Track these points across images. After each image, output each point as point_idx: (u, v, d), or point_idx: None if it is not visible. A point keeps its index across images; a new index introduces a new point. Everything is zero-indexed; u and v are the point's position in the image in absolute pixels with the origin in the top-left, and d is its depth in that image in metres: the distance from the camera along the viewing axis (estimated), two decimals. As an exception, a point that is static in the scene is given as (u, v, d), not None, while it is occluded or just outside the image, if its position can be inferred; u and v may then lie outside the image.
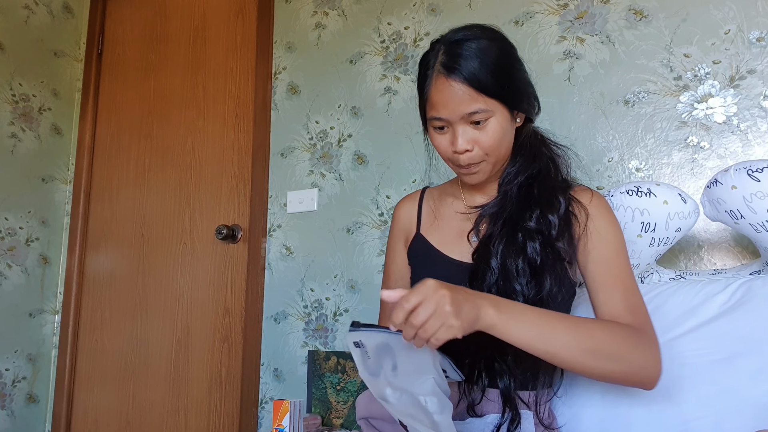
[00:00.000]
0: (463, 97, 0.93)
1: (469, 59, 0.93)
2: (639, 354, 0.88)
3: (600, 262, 0.98)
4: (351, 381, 1.72)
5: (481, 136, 0.96)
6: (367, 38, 1.96)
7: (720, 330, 1.02)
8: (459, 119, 0.95)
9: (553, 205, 1.00)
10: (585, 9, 1.61)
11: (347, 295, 1.85)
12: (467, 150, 0.96)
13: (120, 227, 2.35)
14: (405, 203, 1.19)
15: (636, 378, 0.90)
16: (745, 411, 0.94)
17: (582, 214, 1.00)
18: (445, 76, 0.94)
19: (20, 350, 2.25)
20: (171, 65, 2.37)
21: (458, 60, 0.93)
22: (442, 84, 0.94)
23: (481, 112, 0.94)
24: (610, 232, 1.00)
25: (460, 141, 0.96)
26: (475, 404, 0.97)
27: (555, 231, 0.97)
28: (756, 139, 1.36)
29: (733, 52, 1.41)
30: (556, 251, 0.97)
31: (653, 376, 0.90)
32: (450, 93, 0.93)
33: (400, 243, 1.17)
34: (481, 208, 1.06)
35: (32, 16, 2.40)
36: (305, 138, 2.02)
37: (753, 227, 1.11)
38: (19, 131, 2.31)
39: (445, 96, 0.94)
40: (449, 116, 0.95)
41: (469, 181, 1.03)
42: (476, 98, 0.93)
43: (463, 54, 0.93)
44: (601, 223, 1.01)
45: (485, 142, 0.96)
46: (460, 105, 0.93)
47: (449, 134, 0.98)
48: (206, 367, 2.05)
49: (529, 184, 1.03)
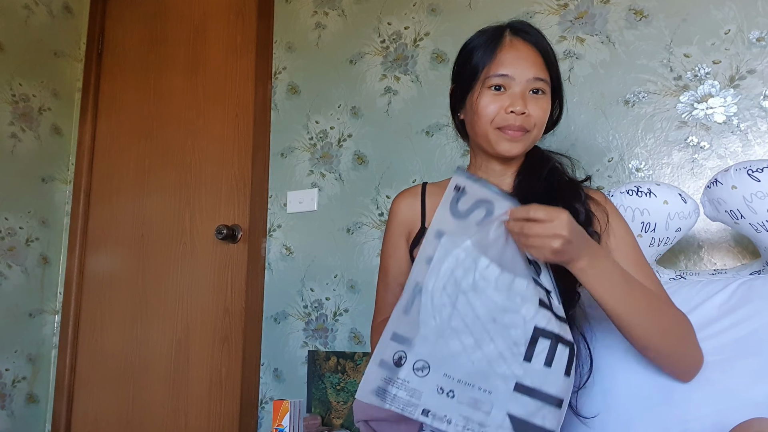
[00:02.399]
0: (535, 61, 1.00)
1: (537, 35, 1.03)
2: (695, 343, 0.94)
3: (622, 259, 0.98)
4: (351, 381, 1.72)
5: (537, 105, 1.00)
6: (367, 38, 1.96)
7: (720, 330, 1.02)
8: (525, 81, 0.99)
9: (577, 196, 1.02)
10: (585, 9, 1.61)
11: (347, 295, 1.85)
12: (524, 112, 0.99)
13: (120, 227, 2.35)
14: (405, 198, 1.18)
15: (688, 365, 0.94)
16: (745, 411, 0.94)
17: (600, 212, 1.02)
18: (522, 39, 1.01)
19: (20, 350, 2.25)
20: (171, 65, 2.37)
21: (529, 30, 1.03)
22: (518, 43, 1.01)
23: (544, 81, 1.00)
24: (627, 230, 1.03)
25: (520, 102, 0.99)
26: None
27: (583, 217, 0.99)
28: (756, 139, 1.36)
29: (733, 52, 1.41)
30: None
31: (698, 367, 0.95)
32: (524, 53, 1.00)
33: (401, 238, 1.15)
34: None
35: (32, 16, 2.40)
36: (305, 138, 2.02)
37: (753, 227, 1.11)
38: (19, 131, 2.31)
39: (518, 54, 1.00)
40: (518, 74, 0.99)
41: (508, 150, 1.02)
42: (542, 68, 1.00)
43: (530, 30, 1.03)
44: (618, 222, 1.03)
45: (537, 113, 1.00)
46: (531, 67, 0.99)
47: (505, 96, 1.00)
48: (206, 367, 2.05)
49: (549, 178, 1.05)
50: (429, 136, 1.80)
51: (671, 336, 0.91)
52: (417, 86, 1.85)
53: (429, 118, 1.80)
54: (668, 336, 0.91)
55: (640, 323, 0.88)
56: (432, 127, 1.79)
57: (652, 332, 0.90)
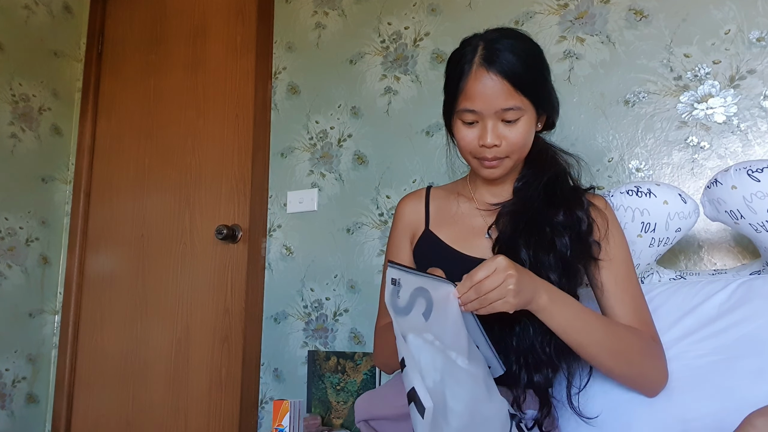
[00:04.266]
0: (501, 92, 0.96)
1: (509, 55, 0.96)
2: (653, 364, 0.97)
3: (613, 269, 1.01)
4: (351, 381, 1.72)
5: (510, 132, 0.99)
6: (367, 38, 1.96)
7: (720, 330, 1.02)
8: (492, 113, 0.98)
9: (579, 204, 1.03)
10: (585, 9, 1.61)
11: (347, 295, 1.85)
12: (495, 145, 0.99)
13: (120, 227, 2.35)
14: (409, 201, 1.19)
15: (645, 384, 0.98)
16: (745, 411, 0.93)
17: (601, 219, 1.03)
18: (486, 69, 0.96)
19: (20, 350, 2.25)
20: (171, 65, 2.37)
21: (499, 54, 0.96)
22: (482, 76, 0.96)
23: (515, 109, 0.97)
24: (623, 240, 1.04)
25: (490, 135, 0.98)
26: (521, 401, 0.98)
27: (584, 226, 1.01)
28: (756, 139, 1.36)
29: (733, 52, 1.41)
30: (587, 245, 1.00)
31: (659, 386, 0.99)
32: (489, 86, 0.96)
33: (405, 240, 1.17)
34: (500, 205, 1.08)
35: (32, 16, 2.40)
36: (305, 138, 2.02)
37: (753, 227, 1.11)
38: (19, 131, 2.31)
39: (483, 88, 0.96)
40: (484, 109, 0.97)
41: (488, 175, 1.04)
42: (512, 95, 0.96)
43: (502, 50, 0.97)
44: (615, 230, 1.04)
45: (513, 139, 0.99)
46: (497, 99, 0.96)
47: (478, 128, 1.00)
48: (206, 367, 2.05)
49: (550, 185, 1.06)
50: (429, 136, 1.80)
51: (631, 358, 0.95)
52: (417, 86, 1.85)
53: (429, 118, 1.80)
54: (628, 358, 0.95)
55: (599, 351, 0.92)
56: (432, 127, 1.79)
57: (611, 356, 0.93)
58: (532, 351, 0.96)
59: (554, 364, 0.96)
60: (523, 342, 0.95)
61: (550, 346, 0.96)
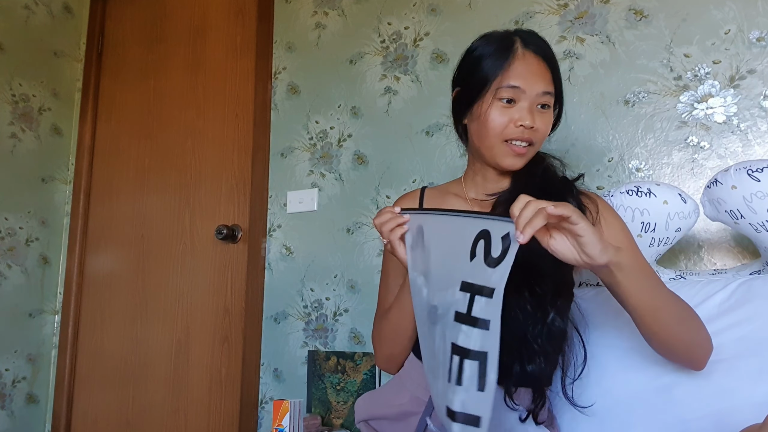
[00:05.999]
0: (543, 75, 1.00)
1: (546, 47, 1.03)
2: (706, 334, 0.93)
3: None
4: (351, 381, 1.72)
5: (543, 121, 1.01)
6: (367, 38, 1.96)
7: (720, 330, 1.02)
8: (534, 95, 0.99)
9: (569, 192, 1.03)
10: (585, 9, 1.61)
11: (347, 295, 1.85)
12: (532, 127, 0.99)
13: (120, 227, 2.35)
14: (404, 201, 1.20)
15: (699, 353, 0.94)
16: (745, 411, 0.94)
17: (592, 205, 1.03)
18: (533, 52, 1.00)
19: (20, 350, 2.25)
20: (171, 65, 2.37)
21: (539, 44, 1.02)
22: (529, 57, 1.00)
23: (551, 95, 1.01)
24: (623, 226, 1.03)
25: (530, 116, 0.99)
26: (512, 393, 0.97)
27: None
28: (756, 139, 1.36)
29: (733, 52, 1.41)
30: None
31: (709, 355, 0.95)
32: (535, 66, 1.00)
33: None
34: (497, 195, 1.08)
35: (32, 16, 2.40)
36: (305, 138, 2.02)
37: (753, 227, 1.11)
38: (19, 131, 2.31)
39: (530, 67, 0.99)
40: (529, 88, 0.99)
41: (512, 164, 1.03)
42: (550, 82, 1.01)
43: (540, 42, 1.03)
44: (611, 217, 1.03)
45: (543, 128, 1.02)
46: (541, 81, 0.99)
47: (514, 110, 1.00)
48: (206, 367, 2.05)
49: (542, 176, 1.06)
50: (429, 136, 1.80)
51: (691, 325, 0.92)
52: (417, 86, 1.85)
53: (429, 118, 1.80)
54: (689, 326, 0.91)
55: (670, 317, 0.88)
56: (432, 127, 1.79)
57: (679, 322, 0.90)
58: (524, 341, 0.94)
59: (546, 352, 0.95)
60: (515, 331, 0.92)
61: (542, 336, 0.94)
